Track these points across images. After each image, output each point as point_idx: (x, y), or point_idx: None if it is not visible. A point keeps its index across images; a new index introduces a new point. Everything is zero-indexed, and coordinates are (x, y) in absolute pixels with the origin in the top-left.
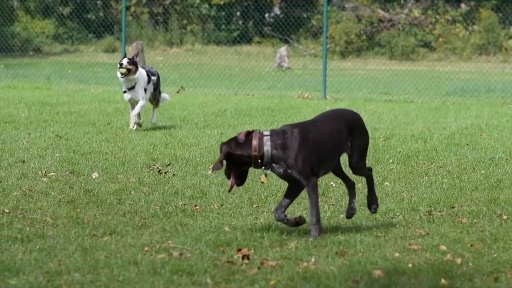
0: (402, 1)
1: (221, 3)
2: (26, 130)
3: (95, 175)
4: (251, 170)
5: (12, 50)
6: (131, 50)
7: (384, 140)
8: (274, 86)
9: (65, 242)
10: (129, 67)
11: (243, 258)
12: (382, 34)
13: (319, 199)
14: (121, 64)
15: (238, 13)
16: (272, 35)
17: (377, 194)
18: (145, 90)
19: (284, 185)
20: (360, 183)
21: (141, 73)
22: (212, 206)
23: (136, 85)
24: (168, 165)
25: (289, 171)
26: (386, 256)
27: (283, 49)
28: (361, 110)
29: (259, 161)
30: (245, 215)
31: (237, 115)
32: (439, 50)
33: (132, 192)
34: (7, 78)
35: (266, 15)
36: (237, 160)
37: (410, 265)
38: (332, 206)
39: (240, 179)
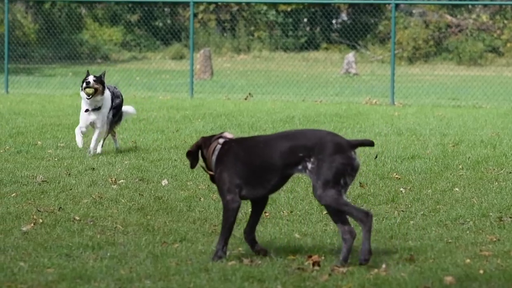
0: (470, 6)
1: (289, 9)
2: None
3: (164, 182)
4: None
5: (80, 58)
6: (199, 57)
7: (453, 146)
8: (342, 92)
9: (135, 249)
10: (96, 86)
11: (313, 264)
12: (449, 39)
13: (234, 225)
14: (87, 83)
15: (305, 20)
16: (339, 41)
17: (446, 200)
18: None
19: (353, 191)
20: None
21: (107, 94)
22: (281, 213)
23: (102, 107)
24: None
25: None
26: (457, 262)
27: (350, 55)
28: (429, 116)
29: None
30: (315, 222)
31: (306, 122)
32: (507, 55)
33: (202, 199)
34: (76, 86)
35: (334, 21)
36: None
37: (481, 272)
38: (402, 212)
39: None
